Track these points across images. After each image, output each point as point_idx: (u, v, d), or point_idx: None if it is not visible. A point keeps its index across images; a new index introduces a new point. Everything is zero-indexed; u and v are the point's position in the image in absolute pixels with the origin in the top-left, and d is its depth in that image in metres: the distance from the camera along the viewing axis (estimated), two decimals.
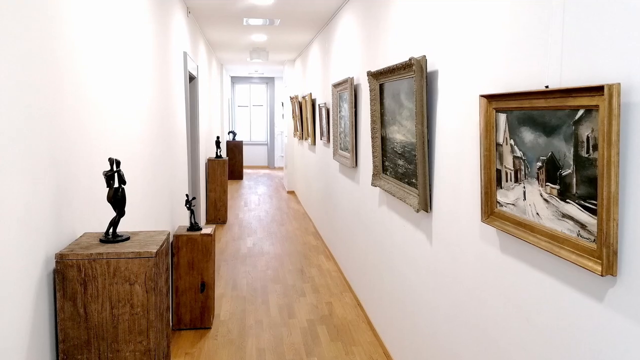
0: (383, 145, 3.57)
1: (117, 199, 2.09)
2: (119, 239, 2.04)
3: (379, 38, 3.85)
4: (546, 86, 1.67)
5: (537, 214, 1.73)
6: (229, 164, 13.41)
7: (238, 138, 16.04)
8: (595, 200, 1.44)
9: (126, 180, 2.60)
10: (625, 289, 1.39)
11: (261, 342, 3.95)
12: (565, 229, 1.58)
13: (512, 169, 1.88)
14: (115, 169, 2.11)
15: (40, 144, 1.74)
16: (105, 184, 2.37)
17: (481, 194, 2.08)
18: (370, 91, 3.63)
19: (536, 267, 1.80)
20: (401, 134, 3.13)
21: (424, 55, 2.68)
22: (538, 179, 1.72)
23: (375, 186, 3.72)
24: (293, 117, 10.30)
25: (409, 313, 3.21)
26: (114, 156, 2.58)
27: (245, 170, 15.50)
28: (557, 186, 1.62)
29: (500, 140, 1.95)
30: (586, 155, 1.47)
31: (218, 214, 7.95)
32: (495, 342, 2.11)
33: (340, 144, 5.38)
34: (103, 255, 1.89)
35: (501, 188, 1.97)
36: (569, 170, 1.55)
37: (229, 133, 13.79)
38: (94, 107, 2.29)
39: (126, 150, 2.83)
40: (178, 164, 4.75)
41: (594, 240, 1.45)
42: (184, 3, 5.48)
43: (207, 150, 7.92)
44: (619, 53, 1.39)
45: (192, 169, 6.39)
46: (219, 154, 8.03)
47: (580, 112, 1.48)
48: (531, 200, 1.77)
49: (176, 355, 3.72)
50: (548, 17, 1.69)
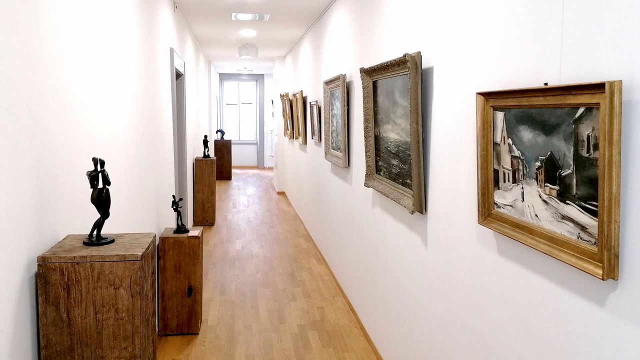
0: (376, 144, 3.58)
1: (102, 200, 2.08)
2: (104, 241, 2.03)
3: (372, 33, 3.85)
4: (545, 83, 1.68)
5: (536, 215, 1.74)
6: (217, 164, 13.38)
7: (226, 137, 16.00)
8: (596, 201, 1.44)
9: (111, 180, 2.59)
10: (627, 293, 1.39)
11: (250, 349, 3.94)
12: (565, 231, 1.58)
13: (510, 169, 1.88)
14: (99, 169, 2.09)
15: (23, 144, 1.72)
16: (89, 185, 2.35)
17: (478, 195, 2.09)
18: (363, 88, 3.63)
19: (535, 271, 1.80)
20: (395, 132, 3.13)
21: (419, 52, 2.68)
22: (537, 179, 1.73)
23: (369, 187, 3.72)
24: (283, 116, 10.29)
25: (404, 318, 3.21)
26: (98, 156, 2.57)
27: (234, 171, 15.48)
28: (557, 187, 1.62)
29: (498, 139, 1.95)
30: (586, 155, 1.47)
31: (206, 215, 7.93)
32: (492, 349, 2.11)
33: (332, 143, 5.38)
34: (87, 259, 1.88)
35: (499, 189, 1.97)
36: (569, 171, 1.55)
37: (217, 132, 13.76)
38: (77, 106, 2.27)
39: (111, 149, 2.81)
40: (164, 164, 4.73)
41: (595, 242, 1.46)
42: None
43: (195, 150, 7.89)
44: (621, 49, 1.39)
45: (179, 169, 6.37)
46: (206, 153, 8.01)
47: (581, 110, 1.49)
48: (530, 201, 1.77)
49: None
50: (547, 12, 1.70)
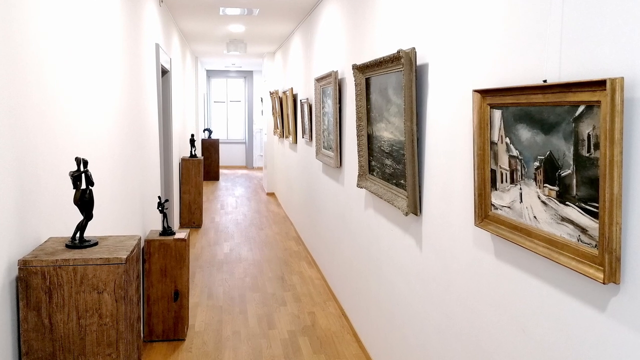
0: (369, 143, 3.58)
1: (85, 201, 2.08)
2: (87, 244, 2.03)
3: (365, 29, 3.85)
4: (544, 80, 1.68)
5: (535, 217, 1.74)
6: (205, 164, 13.34)
7: (214, 136, 15.97)
8: (597, 202, 1.44)
9: (94, 181, 2.58)
10: (628, 297, 1.39)
11: (239, 355, 3.93)
12: (565, 233, 1.59)
13: (508, 169, 1.89)
14: (82, 169, 2.09)
15: (2, 143, 1.71)
16: (71, 185, 2.34)
17: (474, 196, 2.09)
18: (355, 86, 3.63)
19: (533, 275, 1.81)
20: (389, 131, 3.13)
21: (413, 48, 2.68)
22: (535, 180, 1.73)
23: (361, 187, 3.73)
24: (273, 114, 10.28)
25: (398, 324, 3.21)
26: (82, 155, 2.55)
27: (221, 171, 15.44)
28: (556, 188, 1.62)
29: (495, 138, 1.95)
30: (587, 155, 1.48)
31: (193, 217, 7.90)
32: (489, 355, 2.11)
33: (323, 142, 5.38)
34: (69, 262, 1.87)
35: (496, 190, 1.97)
36: (569, 171, 1.56)
37: (204, 131, 13.73)
38: (60, 104, 2.26)
39: (94, 149, 2.79)
40: (150, 164, 4.71)
41: (596, 245, 1.46)
42: None
43: (181, 150, 7.86)
44: (622, 44, 1.39)
45: (165, 170, 6.35)
46: (193, 153, 7.98)
47: (581, 108, 1.49)
48: (528, 202, 1.77)
49: None
50: (546, 6, 1.70)
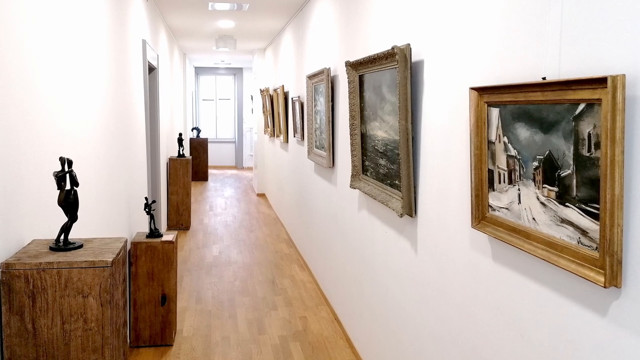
0: (363, 143, 3.57)
1: (69, 203, 2.08)
2: (71, 246, 2.03)
3: (358, 25, 3.85)
4: (543, 78, 1.68)
5: (534, 219, 1.74)
6: (193, 164, 13.31)
7: (203, 135, 15.94)
8: (598, 203, 1.44)
9: (79, 181, 2.57)
10: (630, 301, 1.39)
11: None
12: (565, 235, 1.59)
13: (506, 169, 1.89)
14: (67, 169, 2.08)
15: None
16: (56, 186, 2.32)
17: (471, 197, 2.09)
18: (348, 83, 3.63)
19: (532, 278, 1.81)
20: (383, 130, 3.13)
21: (408, 44, 2.68)
22: (534, 180, 1.73)
23: (355, 188, 3.72)
24: (263, 112, 10.27)
25: (392, 328, 3.21)
26: (66, 155, 2.54)
27: (210, 171, 15.42)
28: (556, 188, 1.62)
29: (493, 137, 1.95)
30: (587, 154, 1.48)
31: (180, 219, 7.88)
32: None
33: (315, 141, 5.38)
34: (53, 265, 1.87)
35: (493, 190, 1.97)
36: (569, 171, 1.56)
37: (192, 130, 13.70)
38: (44, 101, 2.24)
39: (79, 148, 2.78)
40: (136, 163, 4.69)
41: (596, 248, 1.46)
42: None
43: (169, 149, 7.84)
44: (624, 41, 1.39)
45: (152, 170, 6.32)
46: (181, 152, 7.97)
47: (581, 107, 1.49)
48: (527, 203, 1.77)
49: None
50: (546, 1, 1.70)
